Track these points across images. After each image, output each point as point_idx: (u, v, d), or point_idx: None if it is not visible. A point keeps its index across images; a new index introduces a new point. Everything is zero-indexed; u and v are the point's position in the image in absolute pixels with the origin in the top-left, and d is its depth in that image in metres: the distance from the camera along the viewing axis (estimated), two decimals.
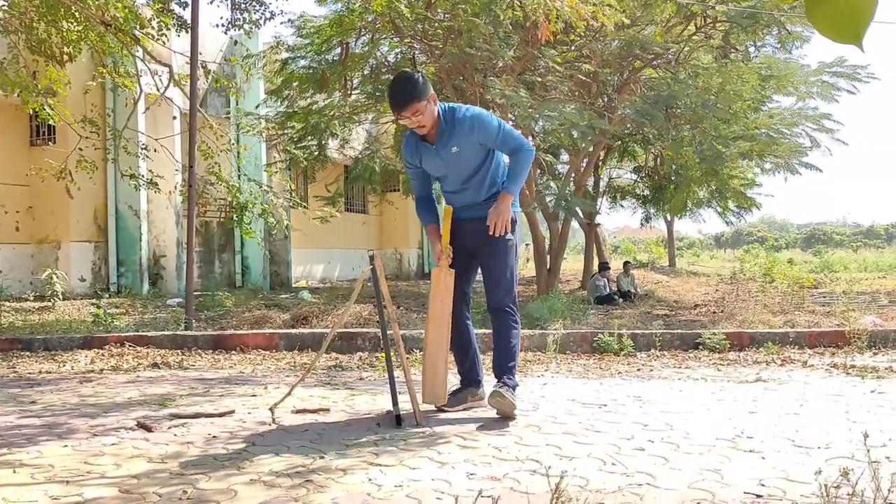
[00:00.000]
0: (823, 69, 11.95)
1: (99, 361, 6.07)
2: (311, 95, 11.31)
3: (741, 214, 15.65)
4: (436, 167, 3.94)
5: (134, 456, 3.13)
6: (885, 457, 2.89)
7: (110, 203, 13.55)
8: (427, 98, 3.71)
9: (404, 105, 3.68)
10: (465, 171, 3.90)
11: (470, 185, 3.94)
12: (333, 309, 9.03)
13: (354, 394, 4.55)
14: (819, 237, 67.73)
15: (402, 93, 3.70)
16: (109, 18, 7.61)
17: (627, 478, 2.71)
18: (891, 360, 5.58)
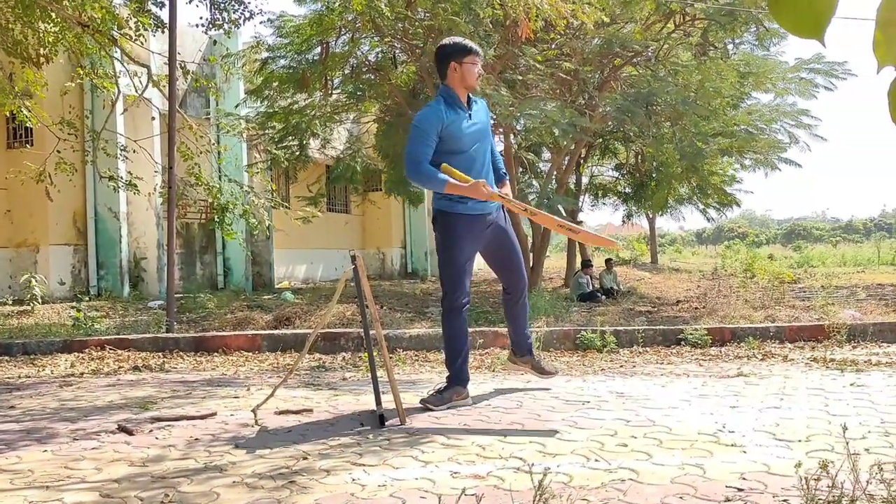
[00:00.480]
0: (801, 66, 12.07)
1: (79, 365, 6.02)
2: (291, 95, 11.26)
3: (722, 211, 15.77)
4: (469, 136, 4.06)
5: (115, 460, 3.10)
6: (865, 449, 2.92)
7: (89, 205, 13.43)
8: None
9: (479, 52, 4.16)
10: (485, 152, 4.18)
11: (485, 172, 4.14)
12: (316, 309, 9.00)
13: (338, 394, 4.54)
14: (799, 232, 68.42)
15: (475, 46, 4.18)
16: (87, 19, 7.54)
17: (611, 473, 2.72)
18: (870, 353, 5.64)
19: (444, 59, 4.10)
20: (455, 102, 4.07)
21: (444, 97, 4.08)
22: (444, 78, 4.11)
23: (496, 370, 5.33)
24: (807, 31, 1.02)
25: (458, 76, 4.05)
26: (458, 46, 4.11)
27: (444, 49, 4.13)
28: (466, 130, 4.05)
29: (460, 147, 4.03)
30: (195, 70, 11.50)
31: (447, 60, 4.07)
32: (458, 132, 4.02)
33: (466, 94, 4.14)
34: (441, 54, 4.13)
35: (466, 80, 4.06)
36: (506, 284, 4.42)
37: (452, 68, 4.05)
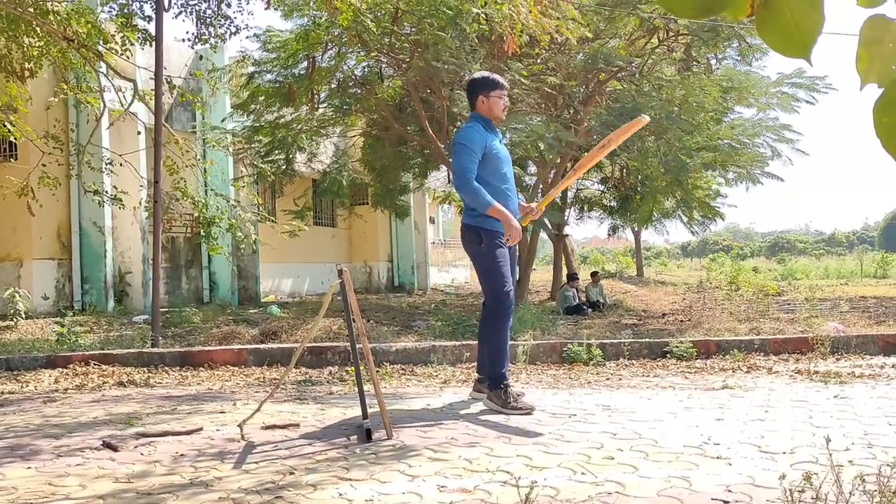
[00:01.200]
0: (783, 80, 12.19)
1: (63, 381, 5.97)
2: (278, 109, 11.27)
3: (706, 224, 15.88)
4: (505, 158, 4.47)
5: (100, 476, 3.08)
6: (848, 461, 2.95)
7: (74, 220, 13.34)
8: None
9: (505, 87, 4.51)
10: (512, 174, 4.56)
11: (514, 191, 4.55)
12: (303, 323, 8.98)
13: (324, 408, 4.53)
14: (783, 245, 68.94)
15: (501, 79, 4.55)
16: (72, 34, 7.53)
17: (597, 486, 2.73)
18: (853, 365, 5.69)
19: (473, 92, 4.47)
20: (490, 126, 4.43)
21: (481, 121, 4.42)
22: (474, 108, 4.48)
23: None
24: (794, 50, 1.05)
25: (486, 108, 4.42)
26: (486, 81, 4.47)
27: (473, 83, 4.51)
28: (502, 152, 4.45)
29: (499, 167, 4.39)
30: (181, 84, 11.50)
31: (476, 93, 4.44)
32: (497, 153, 4.39)
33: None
34: (470, 87, 4.51)
35: (493, 112, 4.42)
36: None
37: (480, 101, 4.41)
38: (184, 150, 8.68)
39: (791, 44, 1.05)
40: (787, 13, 1.03)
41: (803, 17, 1.03)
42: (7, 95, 8.21)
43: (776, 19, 1.04)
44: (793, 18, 1.03)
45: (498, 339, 4.36)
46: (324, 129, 12.49)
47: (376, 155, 13.61)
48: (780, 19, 1.04)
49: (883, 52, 1.03)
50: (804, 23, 1.03)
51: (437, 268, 25.48)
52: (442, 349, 6.38)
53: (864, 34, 1.04)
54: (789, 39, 1.05)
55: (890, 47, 1.03)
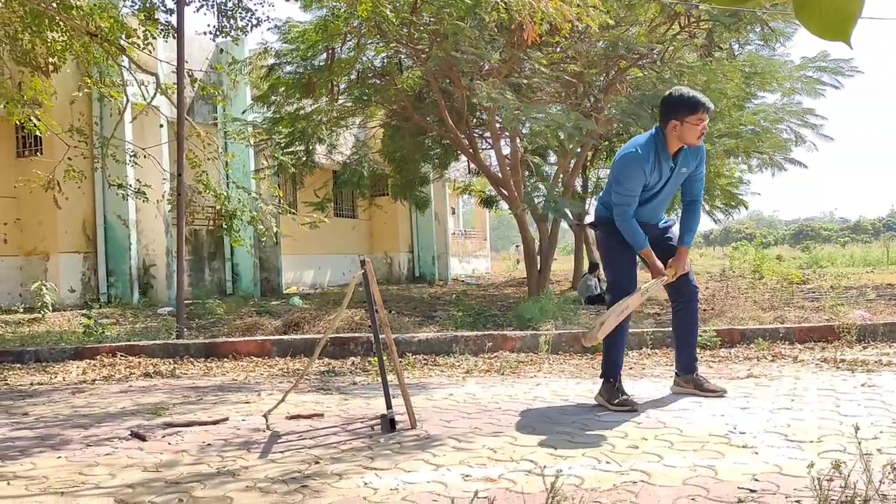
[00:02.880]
0: (807, 64, 12.01)
1: (91, 372, 6.05)
2: (297, 101, 11.29)
3: (729, 212, 15.73)
4: (658, 190, 4.13)
5: (128, 465, 3.12)
6: (877, 449, 2.92)
7: (98, 213, 13.49)
8: None
9: (709, 108, 3.99)
10: (666, 199, 4.24)
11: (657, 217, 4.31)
12: (325, 314, 9.02)
13: (348, 398, 4.55)
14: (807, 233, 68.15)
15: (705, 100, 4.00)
16: (95, 28, 7.59)
17: (622, 476, 2.73)
18: (880, 353, 5.62)
19: (667, 112, 4.00)
20: (662, 151, 4.02)
21: (656, 141, 4.02)
22: (664, 126, 4.01)
23: (505, 373, 5.33)
24: (833, 33, 1.04)
25: (677, 134, 3.98)
26: (685, 102, 3.96)
27: (671, 101, 4.01)
28: (658, 185, 4.10)
29: (644, 198, 4.10)
30: (202, 78, 11.56)
31: (669, 115, 3.98)
32: (649, 186, 4.07)
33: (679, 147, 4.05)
34: (666, 104, 4.04)
35: (685, 139, 3.99)
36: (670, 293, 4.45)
37: (672, 125, 3.96)
38: (205, 142, 8.73)
39: (830, 27, 1.03)
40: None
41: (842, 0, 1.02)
42: (32, 90, 8.29)
43: (815, 2, 1.03)
44: (832, 1, 1.02)
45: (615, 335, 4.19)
46: (343, 120, 12.50)
47: (396, 146, 13.60)
48: (818, 2, 1.03)
49: None
50: (843, 5, 1.02)
51: (458, 258, 25.48)
52: (464, 339, 6.39)
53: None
54: (828, 22, 1.03)
55: None
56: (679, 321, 4.39)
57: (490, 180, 12.86)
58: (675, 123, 3.94)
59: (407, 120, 12.06)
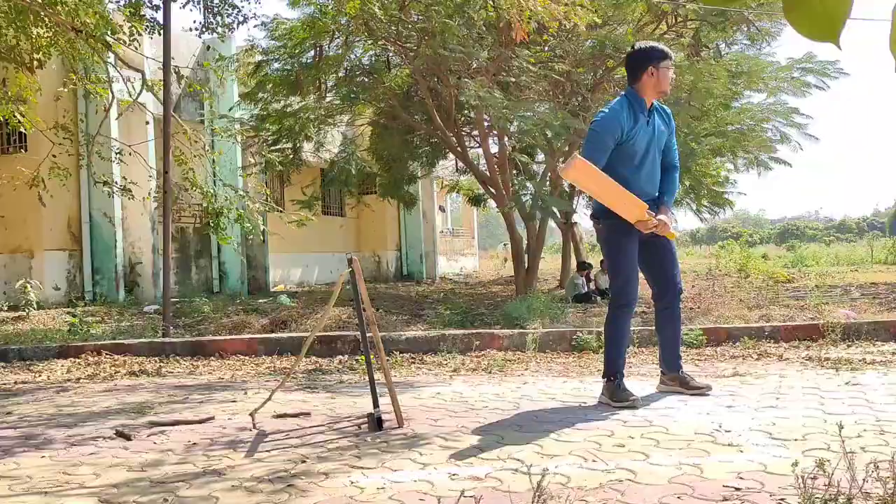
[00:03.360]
0: (793, 65, 12.08)
1: (75, 370, 6.01)
2: (285, 98, 11.26)
3: (715, 211, 15.80)
4: (643, 145, 4.11)
5: (113, 465, 3.10)
6: (861, 447, 2.94)
7: (84, 210, 13.38)
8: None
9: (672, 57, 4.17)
10: (654, 161, 4.19)
11: (650, 183, 4.20)
12: (312, 312, 9.00)
13: (335, 397, 4.54)
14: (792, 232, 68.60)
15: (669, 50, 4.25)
16: (80, 24, 7.53)
17: (608, 474, 2.74)
18: (864, 352, 5.67)
19: (640, 64, 4.09)
20: (638, 108, 4.09)
21: (629, 100, 4.10)
22: (637, 81, 4.11)
23: (492, 372, 5.34)
24: (822, 34, 1.05)
25: (654, 81, 4.08)
26: (656, 51, 4.13)
27: (641, 53, 4.13)
28: (641, 139, 4.09)
29: (630, 156, 4.08)
30: (189, 75, 11.50)
31: (645, 65, 4.07)
32: (633, 140, 4.06)
33: (653, 100, 4.16)
34: (637, 58, 4.13)
35: (661, 85, 4.09)
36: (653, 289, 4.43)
37: (649, 73, 4.06)
38: (192, 140, 8.69)
39: (819, 28, 1.04)
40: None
41: (832, 1, 1.03)
42: (17, 86, 8.22)
43: (804, 4, 1.04)
44: (820, 2, 1.03)
45: (610, 329, 4.21)
46: (331, 117, 12.46)
47: (384, 144, 13.58)
48: (807, 4, 1.04)
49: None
50: (832, 6, 1.03)
51: (446, 257, 25.47)
52: (451, 338, 6.39)
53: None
54: (817, 23, 1.04)
55: None
56: (663, 321, 4.41)
57: (478, 179, 12.87)
58: (652, 70, 4.06)
59: (395, 118, 12.05)
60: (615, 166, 4.05)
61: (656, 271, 4.34)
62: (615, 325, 4.20)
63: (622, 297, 4.18)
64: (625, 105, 4.08)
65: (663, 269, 4.31)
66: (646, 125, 4.11)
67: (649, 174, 4.19)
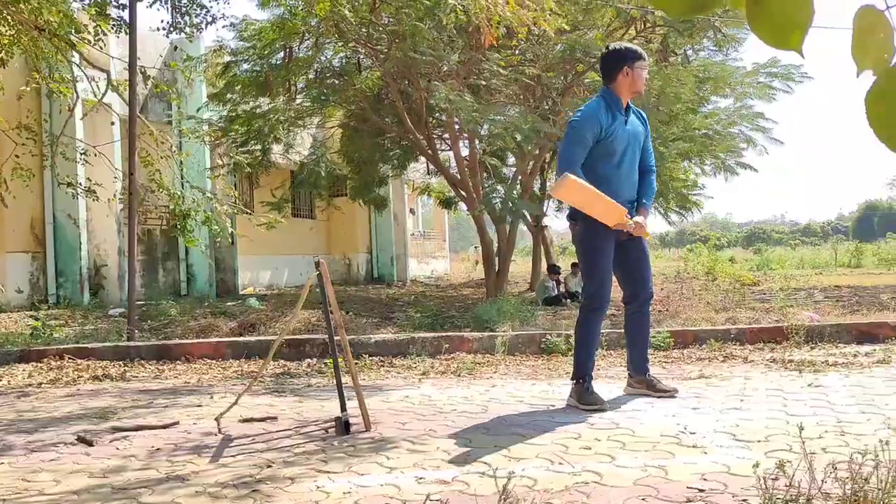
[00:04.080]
0: (758, 70, 12.26)
1: (37, 375, 5.90)
2: (254, 99, 11.17)
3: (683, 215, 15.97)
4: (621, 144, 4.15)
5: (74, 471, 3.05)
6: (822, 448, 2.99)
7: (48, 212, 13.16)
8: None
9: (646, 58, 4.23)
10: (632, 161, 4.22)
11: (628, 183, 4.23)
12: (281, 316, 8.94)
13: (302, 401, 4.51)
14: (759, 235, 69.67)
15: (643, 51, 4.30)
16: (43, 23, 7.40)
17: (575, 477, 2.75)
18: (827, 354, 5.76)
19: (615, 64, 4.19)
20: (615, 107, 4.16)
21: (606, 100, 4.17)
22: (612, 82, 4.20)
23: (461, 375, 5.33)
24: (785, 43, 1.06)
25: (629, 81, 4.17)
26: (631, 51, 4.22)
27: (616, 53, 4.23)
28: (620, 137, 4.15)
29: (609, 153, 4.13)
30: (156, 75, 11.36)
31: (620, 65, 4.16)
32: (613, 138, 4.12)
33: (628, 100, 4.24)
34: (612, 58, 4.22)
35: (636, 85, 4.19)
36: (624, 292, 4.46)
37: (624, 73, 4.15)
38: (159, 141, 8.59)
39: (782, 36, 1.06)
40: (777, 6, 1.04)
41: (794, 10, 1.04)
42: None
43: (766, 12, 1.05)
44: (783, 11, 1.04)
45: (581, 332, 4.22)
46: (301, 119, 12.39)
47: (354, 146, 13.53)
48: (770, 12, 1.05)
49: (875, 42, 1.04)
50: (794, 15, 1.04)
51: (417, 259, 25.46)
52: (421, 341, 6.38)
53: (858, 23, 1.05)
54: (780, 32, 1.05)
55: (881, 37, 1.04)
56: (633, 324, 4.45)
57: (448, 181, 12.88)
58: (627, 70, 4.14)
59: (366, 120, 12.02)
60: (595, 165, 4.10)
61: (629, 274, 4.38)
62: (586, 328, 4.21)
63: (596, 299, 4.21)
64: (602, 104, 4.16)
65: (637, 272, 4.36)
66: (623, 124, 4.18)
67: (627, 174, 4.24)
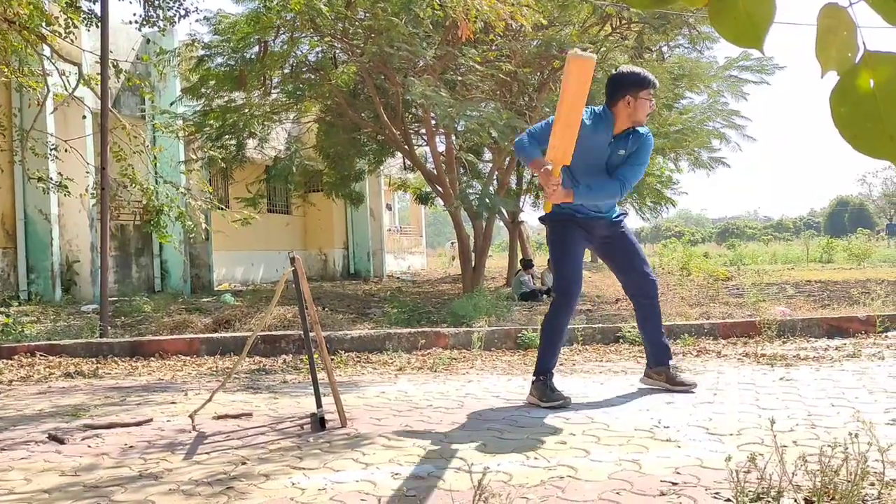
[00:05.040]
0: (731, 64, 12.38)
1: (8, 372, 5.81)
2: (228, 93, 11.07)
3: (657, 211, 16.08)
4: (589, 151, 3.99)
5: (45, 470, 3.01)
6: (792, 441, 3.03)
7: (18, 207, 12.95)
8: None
9: (655, 85, 4.01)
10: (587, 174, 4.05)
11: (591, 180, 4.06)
12: (257, 311, 8.88)
13: (278, 397, 4.49)
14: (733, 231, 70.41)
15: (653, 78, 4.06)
16: (13, 15, 7.28)
17: (550, 471, 2.76)
18: (798, 348, 5.84)
19: (617, 89, 4.02)
20: (606, 125, 4.02)
21: (603, 116, 4.05)
22: (613, 105, 4.03)
23: (437, 370, 5.34)
24: (746, 40, 1.06)
25: (629, 110, 4.00)
26: (636, 79, 4.01)
27: (621, 79, 4.05)
28: (595, 150, 4.01)
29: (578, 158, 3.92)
30: (129, 69, 11.22)
31: (622, 92, 4.00)
32: (586, 144, 3.94)
33: (626, 127, 4.04)
34: (615, 83, 4.05)
35: (636, 116, 4.02)
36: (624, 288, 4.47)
37: (626, 101, 3.99)
38: (132, 135, 8.49)
39: (744, 33, 1.06)
40: (739, 3, 1.04)
41: (755, 7, 1.04)
42: None
43: (729, 9, 1.05)
44: (745, 8, 1.04)
45: (549, 326, 4.17)
46: (276, 114, 12.31)
47: (331, 141, 13.47)
48: (732, 9, 1.05)
49: (839, 40, 1.04)
50: (756, 12, 1.04)
51: (394, 255, 25.42)
52: (397, 336, 6.38)
53: (821, 22, 1.05)
54: (742, 29, 1.05)
55: (844, 35, 1.03)
56: (640, 315, 4.45)
57: (425, 177, 12.87)
58: (629, 99, 3.98)
59: (341, 115, 11.96)
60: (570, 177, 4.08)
61: (625, 269, 4.39)
62: (551, 324, 4.19)
63: (562, 294, 4.20)
64: (596, 113, 4.06)
65: (630, 264, 4.35)
66: (605, 144, 4.04)
67: (583, 160, 4.02)
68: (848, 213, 76.30)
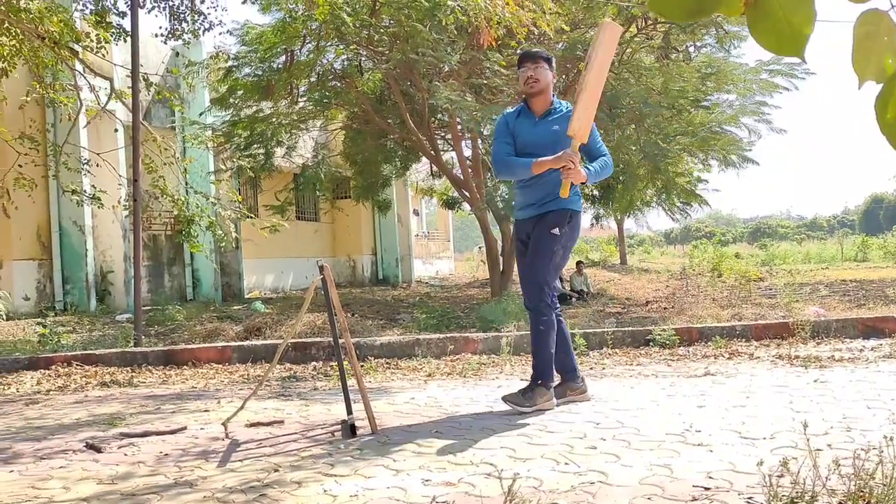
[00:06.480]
0: (761, 68, 12.24)
1: (45, 382, 5.92)
2: (256, 103, 11.21)
3: (687, 211, 15.95)
4: (532, 140, 4.16)
5: (83, 478, 3.06)
6: (827, 444, 2.99)
7: (53, 219, 13.21)
8: (550, 68, 4.22)
9: (533, 57, 4.19)
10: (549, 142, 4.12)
11: (549, 177, 4.09)
12: (287, 319, 8.96)
13: (308, 404, 4.52)
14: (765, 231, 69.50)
15: (535, 51, 4.34)
16: (45, 32, 7.43)
17: (580, 476, 2.75)
18: (833, 349, 5.75)
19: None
20: (524, 109, 4.27)
21: (519, 107, 4.34)
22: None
23: (467, 376, 5.34)
24: (787, 49, 1.04)
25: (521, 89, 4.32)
26: (519, 56, 4.36)
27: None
28: (529, 135, 4.19)
29: (524, 150, 4.16)
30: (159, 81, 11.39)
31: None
32: (522, 136, 4.20)
33: (539, 100, 4.21)
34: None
35: (521, 88, 4.30)
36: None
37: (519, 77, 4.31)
38: (162, 147, 8.61)
39: (784, 42, 1.04)
40: (778, 11, 1.02)
41: (795, 15, 1.02)
42: None
43: (768, 18, 1.03)
44: (784, 16, 1.02)
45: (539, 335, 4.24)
46: (303, 122, 12.42)
47: (357, 148, 13.56)
48: (771, 18, 1.03)
49: (878, 47, 1.02)
50: (796, 20, 1.02)
51: (422, 260, 25.47)
52: (426, 342, 6.39)
53: (858, 30, 1.03)
54: (782, 38, 1.04)
55: (885, 41, 1.01)
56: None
57: (451, 182, 12.89)
58: (519, 75, 4.29)
59: (368, 122, 12.04)
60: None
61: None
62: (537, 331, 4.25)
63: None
64: (516, 110, 4.32)
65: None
66: (533, 124, 4.21)
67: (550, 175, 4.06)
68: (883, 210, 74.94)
